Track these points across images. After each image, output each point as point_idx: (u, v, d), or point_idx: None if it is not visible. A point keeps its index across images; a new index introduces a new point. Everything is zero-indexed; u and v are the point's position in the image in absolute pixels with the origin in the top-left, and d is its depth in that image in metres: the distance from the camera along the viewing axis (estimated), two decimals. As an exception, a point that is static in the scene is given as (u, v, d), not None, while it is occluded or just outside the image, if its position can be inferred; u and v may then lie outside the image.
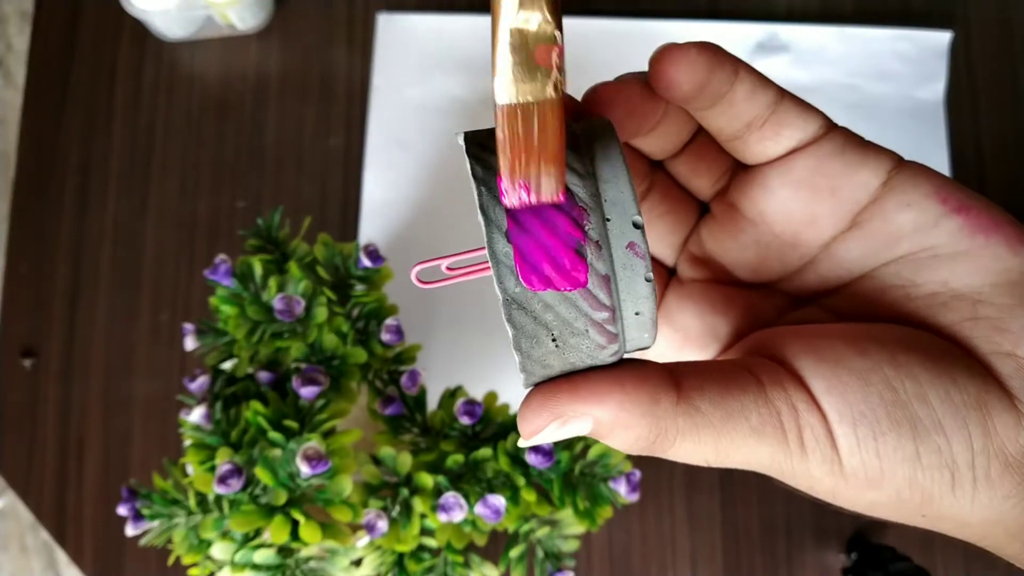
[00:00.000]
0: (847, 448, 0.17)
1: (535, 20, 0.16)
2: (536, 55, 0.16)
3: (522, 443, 0.18)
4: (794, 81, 0.62)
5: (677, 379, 0.18)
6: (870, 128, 0.61)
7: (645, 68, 0.20)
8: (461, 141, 0.18)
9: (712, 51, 0.19)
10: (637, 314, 0.18)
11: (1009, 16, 0.64)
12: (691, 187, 0.23)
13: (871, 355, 0.18)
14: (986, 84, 0.63)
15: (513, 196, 0.16)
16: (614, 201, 0.17)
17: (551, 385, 0.18)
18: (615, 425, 0.17)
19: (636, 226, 0.17)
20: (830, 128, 0.20)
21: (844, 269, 0.21)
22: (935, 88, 0.62)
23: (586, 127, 0.18)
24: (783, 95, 0.20)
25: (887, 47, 0.62)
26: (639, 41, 0.62)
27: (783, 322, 0.22)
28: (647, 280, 0.17)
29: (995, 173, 0.61)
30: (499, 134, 0.16)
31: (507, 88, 0.16)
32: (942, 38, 0.62)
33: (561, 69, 0.16)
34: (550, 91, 0.16)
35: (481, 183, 0.17)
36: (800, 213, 0.21)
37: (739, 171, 0.22)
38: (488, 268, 0.18)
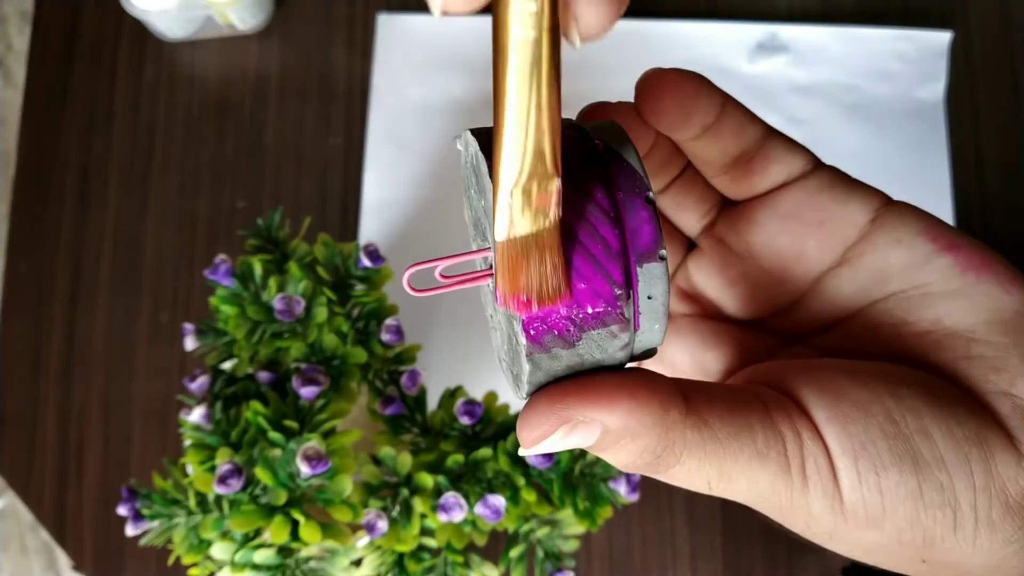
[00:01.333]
0: (848, 483, 0.17)
1: (538, 177, 0.15)
2: (536, 201, 0.16)
3: (523, 452, 0.18)
4: (794, 81, 0.62)
5: (685, 392, 0.17)
6: (870, 128, 0.61)
7: (644, 67, 0.20)
8: (460, 145, 0.18)
9: (697, 79, 0.19)
10: (649, 298, 0.17)
11: (1009, 16, 0.64)
12: (677, 222, 0.23)
13: (872, 387, 0.18)
14: (986, 84, 0.63)
15: (513, 309, 0.16)
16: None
17: (559, 387, 0.17)
18: (623, 434, 0.17)
19: (648, 202, 0.17)
20: (818, 165, 0.20)
21: (835, 306, 0.21)
22: (935, 88, 0.62)
23: (595, 127, 0.18)
24: (771, 131, 0.20)
25: (887, 47, 0.62)
26: (638, 41, 0.62)
27: (773, 359, 0.22)
28: (660, 258, 0.17)
29: (995, 173, 0.61)
30: (497, 262, 0.16)
31: (504, 229, 0.16)
32: (942, 38, 0.62)
33: (559, 202, 0.16)
34: (546, 224, 0.16)
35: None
36: (788, 247, 0.20)
37: (726, 207, 0.22)
38: (484, 277, 0.18)
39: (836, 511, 0.17)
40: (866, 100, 0.62)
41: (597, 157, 0.17)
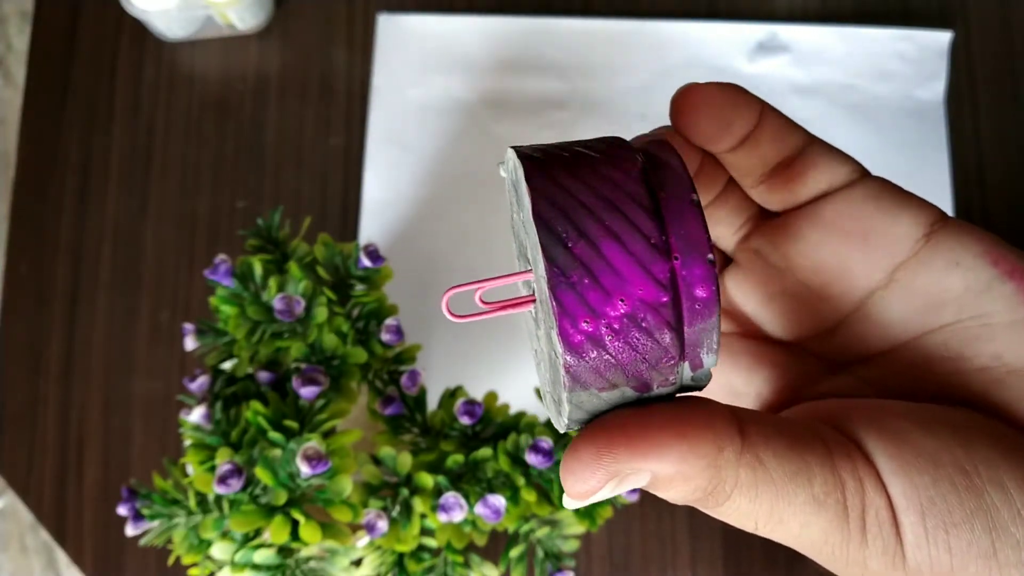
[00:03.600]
0: (913, 540, 0.15)
1: None
2: None
3: (568, 504, 0.17)
4: (794, 81, 0.62)
5: (742, 425, 0.16)
6: (870, 128, 0.61)
7: (644, 67, 0.20)
8: (504, 172, 0.17)
9: (733, 89, 0.18)
10: (700, 326, 0.16)
11: (1009, 16, 0.64)
12: (712, 236, 0.21)
13: (939, 435, 0.16)
14: (986, 84, 0.63)
15: None
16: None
17: (603, 432, 0.16)
18: (675, 478, 0.16)
19: (693, 204, 0.16)
20: (864, 175, 0.19)
21: (883, 331, 0.19)
22: (935, 88, 0.62)
23: (650, 156, 0.17)
24: (813, 139, 0.19)
25: (887, 47, 0.62)
26: (639, 41, 0.62)
27: (816, 390, 0.20)
28: (708, 261, 0.16)
29: (995, 173, 0.61)
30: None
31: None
32: (942, 38, 0.62)
33: None
34: None
35: (537, 192, 0.15)
36: (830, 260, 0.19)
37: (764, 219, 0.21)
38: (525, 303, 0.18)
39: (897, 568, 0.16)
40: (866, 100, 0.62)
41: (635, 161, 0.16)
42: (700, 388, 0.17)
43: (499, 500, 0.39)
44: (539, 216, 0.15)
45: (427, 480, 0.39)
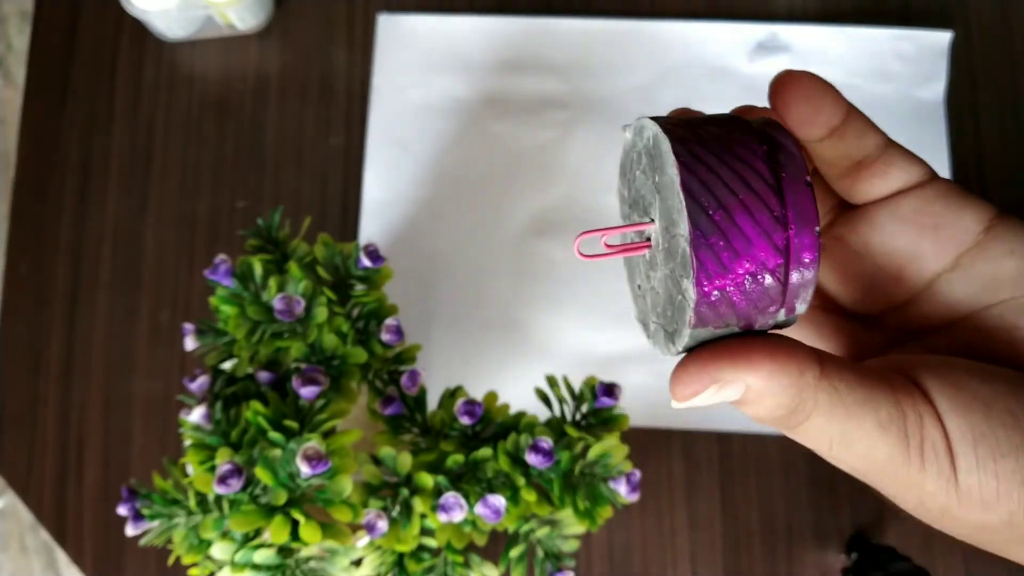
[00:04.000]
0: (965, 466, 0.18)
1: None
2: None
3: (676, 405, 0.20)
4: (794, 81, 0.62)
5: (821, 359, 0.19)
6: (870, 128, 0.61)
7: (644, 67, 0.21)
8: (628, 133, 0.20)
9: (823, 82, 0.21)
10: (800, 280, 0.19)
11: (1009, 16, 0.64)
12: None
13: (994, 385, 0.19)
14: (986, 84, 0.63)
15: None
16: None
17: (708, 351, 0.19)
18: (764, 392, 0.19)
19: (808, 185, 0.19)
20: (934, 176, 0.22)
21: (947, 308, 0.22)
22: (935, 88, 0.61)
23: (763, 123, 0.20)
24: (891, 142, 0.22)
25: (887, 47, 0.62)
26: (639, 41, 0.62)
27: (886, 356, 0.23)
28: (816, 248, 0.19)
29: (995, 173, 0.61)
30: None
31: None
32: (942, 38, 0.62)
33: None
34: None
35: (685, 167, 0.18)
36: (904, 247, 0.22)
37: (845, 210, 0.24)
38: (642, 248, 0.21)
39: (951, 492, 0.18)
40: (866, 100, 0.61)
41: (760, 143, 0.20)
42: (789, 326, 0.21)
43: (499, 500, 0.39)
44: (687, 188, 0.18)
45: (427, 480, 0.39)
